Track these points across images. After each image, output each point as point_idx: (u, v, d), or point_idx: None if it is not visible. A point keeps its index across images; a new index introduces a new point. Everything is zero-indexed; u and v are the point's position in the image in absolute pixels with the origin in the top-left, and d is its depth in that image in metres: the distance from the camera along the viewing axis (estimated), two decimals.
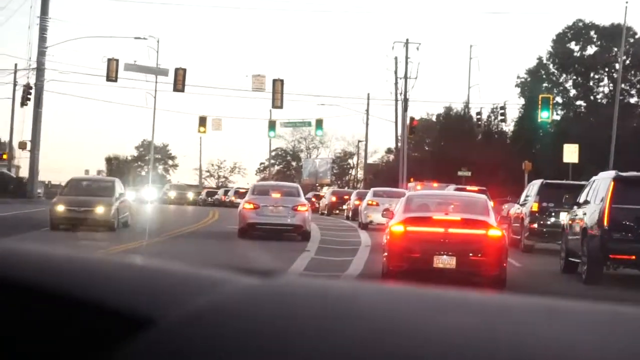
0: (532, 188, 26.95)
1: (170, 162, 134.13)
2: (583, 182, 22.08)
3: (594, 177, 18.81)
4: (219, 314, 1.08)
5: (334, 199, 54.63)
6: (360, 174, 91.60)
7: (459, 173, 56.71)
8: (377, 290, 1.28)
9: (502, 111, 61.17)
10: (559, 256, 19.89)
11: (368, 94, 73.57)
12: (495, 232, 14.80)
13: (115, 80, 53.38)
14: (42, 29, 52.46)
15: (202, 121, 69.74)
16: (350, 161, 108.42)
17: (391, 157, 78.42)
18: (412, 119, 63.65)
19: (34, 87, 52.49)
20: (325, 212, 54.24)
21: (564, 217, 21.14)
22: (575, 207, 19.02)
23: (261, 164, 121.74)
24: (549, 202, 25.13)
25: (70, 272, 1.23)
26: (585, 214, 17.69)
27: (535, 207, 25.44)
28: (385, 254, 15.19)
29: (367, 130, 76.10)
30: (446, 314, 1.11)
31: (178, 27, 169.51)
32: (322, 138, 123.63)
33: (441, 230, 14.65)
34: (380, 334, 1.03)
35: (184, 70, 54.65)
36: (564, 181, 29.69)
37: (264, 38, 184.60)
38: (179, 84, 54.58)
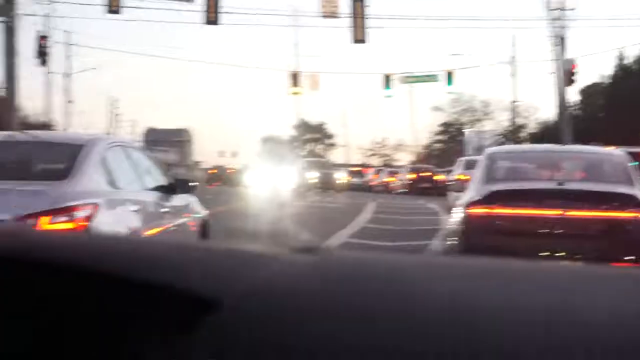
0: None
1: (326, 141, 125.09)
2: None
3: None
4: (281, 290, 1.08)
5: (413, 175, 37.88)
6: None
7: None
8: (438, 264, 1.22)
9: None
10: None
11: (513, 36, 54.79)
12: None
13: (118, 12, 37.33)
14: None
15: (294, 78, 53.19)
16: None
17: None
18: (570, 61, 45.65)
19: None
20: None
21: None
22: None
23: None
24: None
25: (138, 256, 1.24)
26: None
27: None
28: None
29: (513, 83, 57.12)
30: (517, 288, 1.04)
31: None
32: (486, 109, 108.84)
33: (553, 213, 8.44)
34: (440, 309, 1.00)
35: None
36: None
37: None
38: (212, 12, 37.93)
